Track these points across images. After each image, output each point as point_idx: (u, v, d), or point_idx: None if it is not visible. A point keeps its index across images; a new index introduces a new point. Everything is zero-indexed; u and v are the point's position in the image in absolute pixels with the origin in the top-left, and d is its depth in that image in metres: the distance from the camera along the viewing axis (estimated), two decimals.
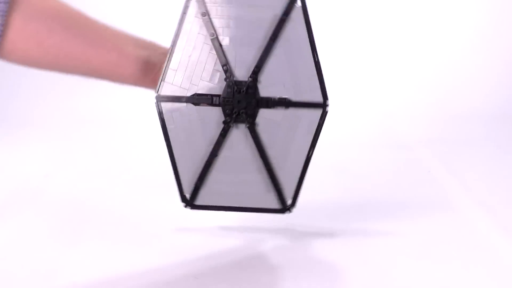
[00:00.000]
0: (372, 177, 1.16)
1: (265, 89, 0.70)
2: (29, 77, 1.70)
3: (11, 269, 0.81)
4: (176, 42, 0.72)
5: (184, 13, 0.71)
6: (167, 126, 0.74)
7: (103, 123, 1.54)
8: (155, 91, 0.73)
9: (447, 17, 1.75)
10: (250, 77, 0.70)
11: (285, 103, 0.70)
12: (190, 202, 0.76)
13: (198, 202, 0.76)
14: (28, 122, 1.55)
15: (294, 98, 0.69)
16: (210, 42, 0.71)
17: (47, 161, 1.27)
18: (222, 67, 0.71)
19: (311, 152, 0.69)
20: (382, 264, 0.82)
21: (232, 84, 0.71)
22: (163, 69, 0.72)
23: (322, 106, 0.69)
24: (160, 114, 0.73)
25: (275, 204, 0.72)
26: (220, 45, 0.71)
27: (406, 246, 0.87)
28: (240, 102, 0.70)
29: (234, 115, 0.71)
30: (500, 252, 0.85)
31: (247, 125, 0.71)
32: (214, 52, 0.71)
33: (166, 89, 0.73)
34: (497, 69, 1.72)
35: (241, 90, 0.71)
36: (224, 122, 0.72)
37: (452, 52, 1.74)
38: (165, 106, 0.73)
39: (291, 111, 0.70)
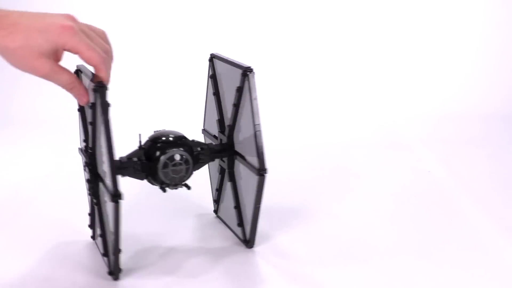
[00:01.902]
0: (372, 177, 1.16)
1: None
2: (29, 77, 1.70)
3: (11, 270, 0.81)
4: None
5: None
6: None
7: None
8: None
9: (447, 17, 1.75)
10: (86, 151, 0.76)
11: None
12: None
13: None
14: (28, 122, 1.55)
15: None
16: None
17: (47, 161, 1.27)
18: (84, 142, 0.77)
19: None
20: (382, 264, 0.82)
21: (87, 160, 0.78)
22: None
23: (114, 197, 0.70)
24: None
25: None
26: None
27: (406, 246, 0.87)
28: (89, 180, 0.77)
29: (91, 191, 0.78)
30: (501, 252, 0.85)
31: (94, 201, 0.78)
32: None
33: None
34: (497, 69, 1.71)
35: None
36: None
37: (452, 52, 1.74)
38: None
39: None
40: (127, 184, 0.82)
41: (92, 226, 0.86)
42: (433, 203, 1.03)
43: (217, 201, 0.96)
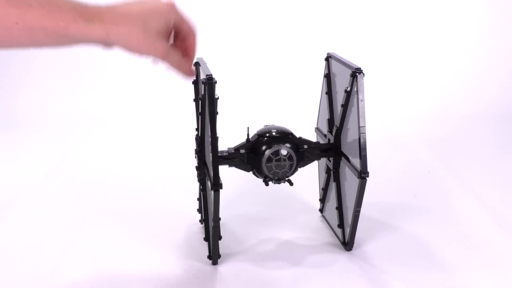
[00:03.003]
0: (372, 177, 1.16)
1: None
2: (29, 77, 1.70)
3: (12, 269, 0.81)
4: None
5: None
6: None
7: (102, 123, 1.54)
8: None
9: (448, 17, 1.75)
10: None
11: None
12: None
13: None
14: (28, 122, 1.55)
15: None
16: None
17: (47, 161, 1.27)
18: None
19: None
20: (382, 264, 0.82)
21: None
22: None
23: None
24: None
25: None
26: None
27: (406, 246, 0.87)
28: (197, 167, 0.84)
29: (198, 178, 0.84)
30: (500, 252, 0.85)
31: (200, 188, 0.85)
32: None
33: None
34: (497, 69, 1.71)
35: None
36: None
37: (453, 52, 1.74)
38: None
39: None
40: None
41: (200, 210, 0.89)
42: (433, 203, 1.03)
43: (322, 200, 0.96)
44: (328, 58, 0.89)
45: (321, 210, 0.97)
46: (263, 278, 0.78)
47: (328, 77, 0.89)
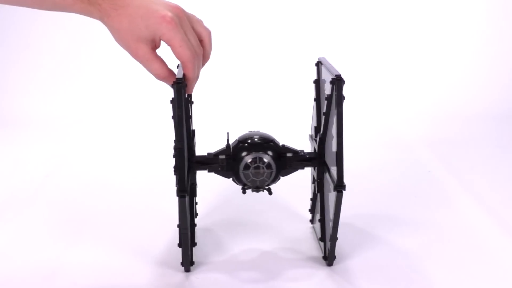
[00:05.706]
0: (372, 177, 1.16)
1: None
2: (29, 77, 1.70)
3: (11, 269, 0.81)
4: None
5: None
6: None
7: (102, 123, 1.54)
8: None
9: (448, 18, 1.75)
10: None
11: None
12: None
13: None
14: (28, 122, 1.55)
15: None
16: None
17: (47, 161, 1.27)
18: None
19: None
20: (381, 265, 0.82)
21: None
22: None
23: None
24: None
25: None
26: None
27: (406, 246, 0.87)
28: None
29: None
30: (500, 252, 0.85)
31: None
32: None
33: None
34: (497, 69, 1.72)
35: None
36: None
37: (453, 52, 1.74)
38: None
39: None
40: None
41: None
42: (433, 203, 1.03)
43: (312, 210, 0.93)
44: (318, 64, 0.87)
45: (311, 221, 0.95)
46: None
47: (317, 83, 0.87)
